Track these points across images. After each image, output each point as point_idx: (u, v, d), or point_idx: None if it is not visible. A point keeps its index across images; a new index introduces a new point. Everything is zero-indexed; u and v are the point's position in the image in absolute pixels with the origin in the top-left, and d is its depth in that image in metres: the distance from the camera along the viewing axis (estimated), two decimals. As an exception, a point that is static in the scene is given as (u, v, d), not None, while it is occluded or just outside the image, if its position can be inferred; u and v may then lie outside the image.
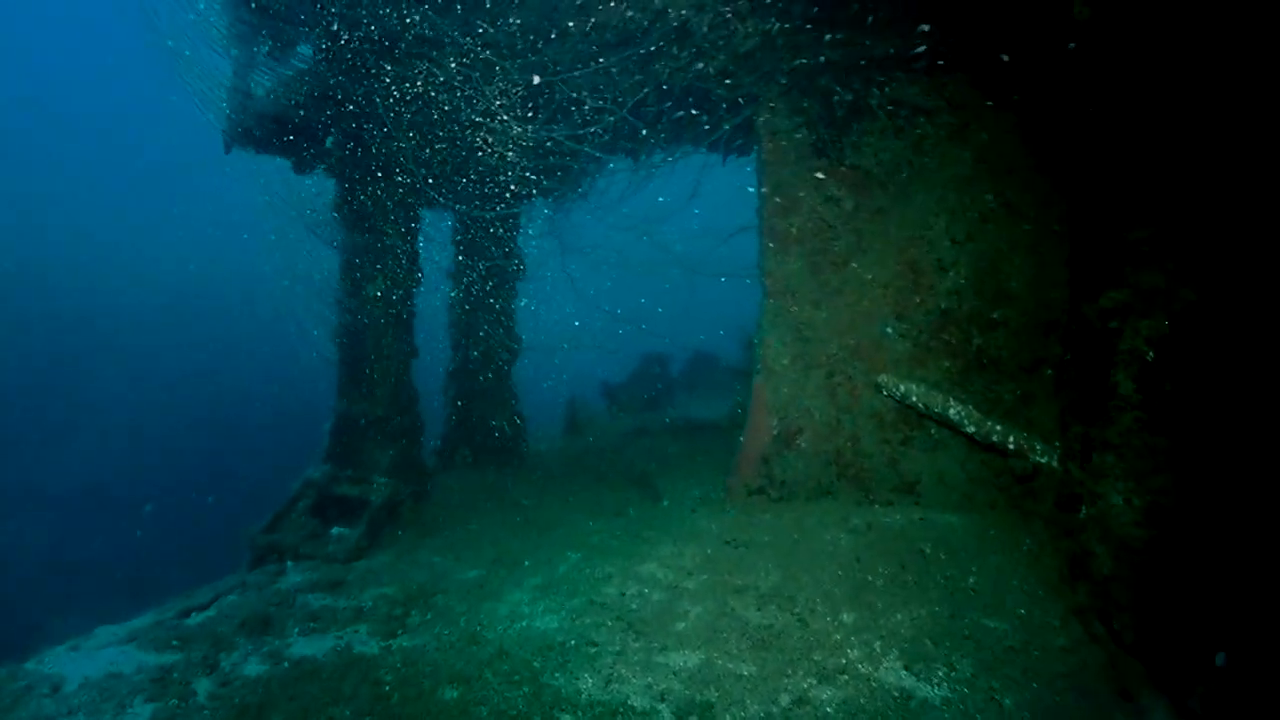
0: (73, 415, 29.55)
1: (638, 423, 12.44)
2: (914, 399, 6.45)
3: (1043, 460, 5.97)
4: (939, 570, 5.40)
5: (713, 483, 7.87)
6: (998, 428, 6.18)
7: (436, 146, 7.41)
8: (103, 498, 23.40)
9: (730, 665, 4.52)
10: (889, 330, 6.75)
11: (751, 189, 7.31)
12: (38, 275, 40.32)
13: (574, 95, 6.67)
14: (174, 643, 5.24)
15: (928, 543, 5.77)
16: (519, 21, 6.13)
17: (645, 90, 6.83)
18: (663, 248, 9.92)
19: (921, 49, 6.41)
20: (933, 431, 6.60)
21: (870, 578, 5.36)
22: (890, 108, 6.81)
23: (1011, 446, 6.10)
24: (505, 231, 9.94)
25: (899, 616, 4.87)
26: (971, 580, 5.23)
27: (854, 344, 6.79)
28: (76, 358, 34.04)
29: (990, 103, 6.48)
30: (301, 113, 6.96)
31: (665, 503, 7.61)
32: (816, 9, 6.33)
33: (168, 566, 18.73)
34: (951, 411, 6.32)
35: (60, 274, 41.54)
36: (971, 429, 6.25)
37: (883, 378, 6.61)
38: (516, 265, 10.40)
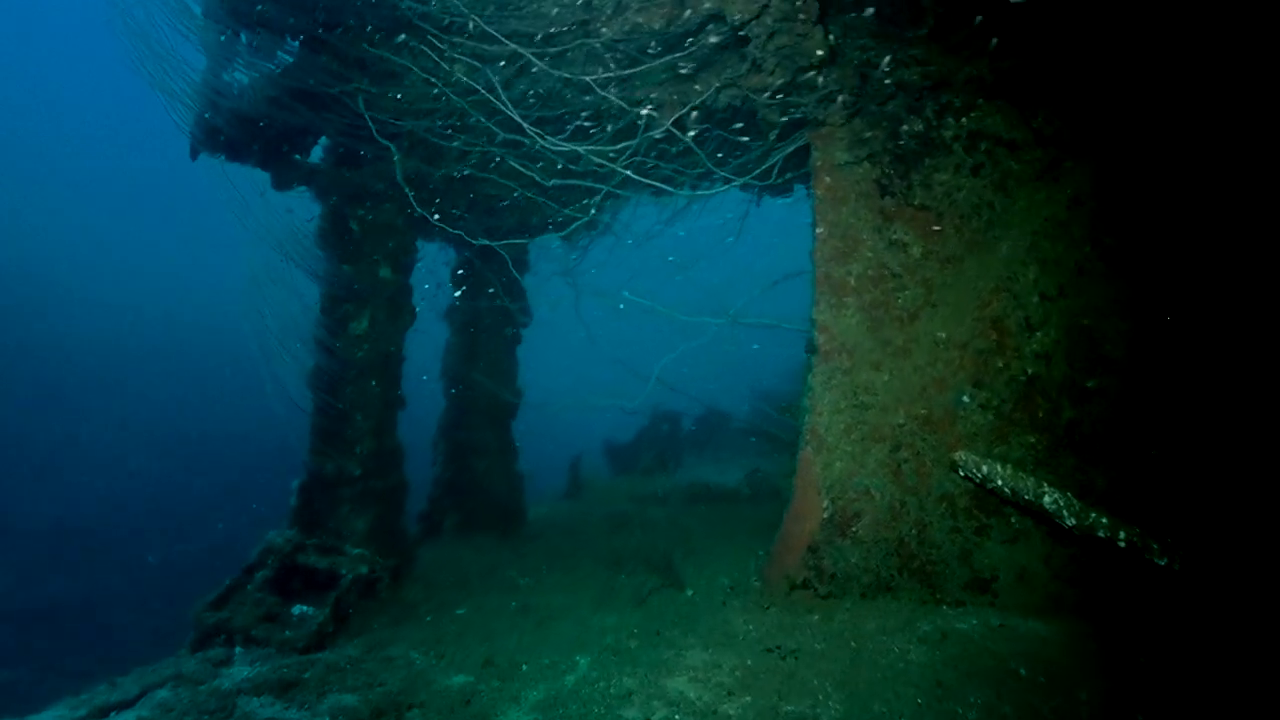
0: (51, 451, 28.71)
1: (646, 487, 11.36)
2: (999, 482, 5.36)
3: (1162, 562, 4.88)
4: (1042, 700, 4.34)
5: (741, 567, 6.76)
6: (1104, 520, 5.08)
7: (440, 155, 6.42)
8: (70, 538, 22.40)
9: (801, 845, 3.38)
10: (965, 399, 5.70)
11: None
12: (21, 307, 39.64)
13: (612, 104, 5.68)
14: (71, 769, 4.07)
15: (1020, 660, 4.72)
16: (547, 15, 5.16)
17: (688, 108, 5.85)
18: (691, 293, 8.93)
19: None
20: (1013, 520, 5.56)
21: (960, 709, 4.27)
22: (967, 140, 5.87)
23: (1121, 544, 5.02)
24: (511, 268, 8.88)
25: (1011, 772, 3.76)
26: (1086, 715, 4.14)
27: (924, 414, 5.73)
28: (56, 392, 33.22)
29: (1089, 135, 5.54)
30: (281, 113, 5.95)
31: (689, 592, 6.45)
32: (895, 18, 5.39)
33: (130, 614, 17.62)
34: (1046, 499, 5.23)
35: (43, 306, 40.91)
36: (1071, 521, 5.15)
37: (960, 455, 5.53)
38: (521, 307, 9.37)
